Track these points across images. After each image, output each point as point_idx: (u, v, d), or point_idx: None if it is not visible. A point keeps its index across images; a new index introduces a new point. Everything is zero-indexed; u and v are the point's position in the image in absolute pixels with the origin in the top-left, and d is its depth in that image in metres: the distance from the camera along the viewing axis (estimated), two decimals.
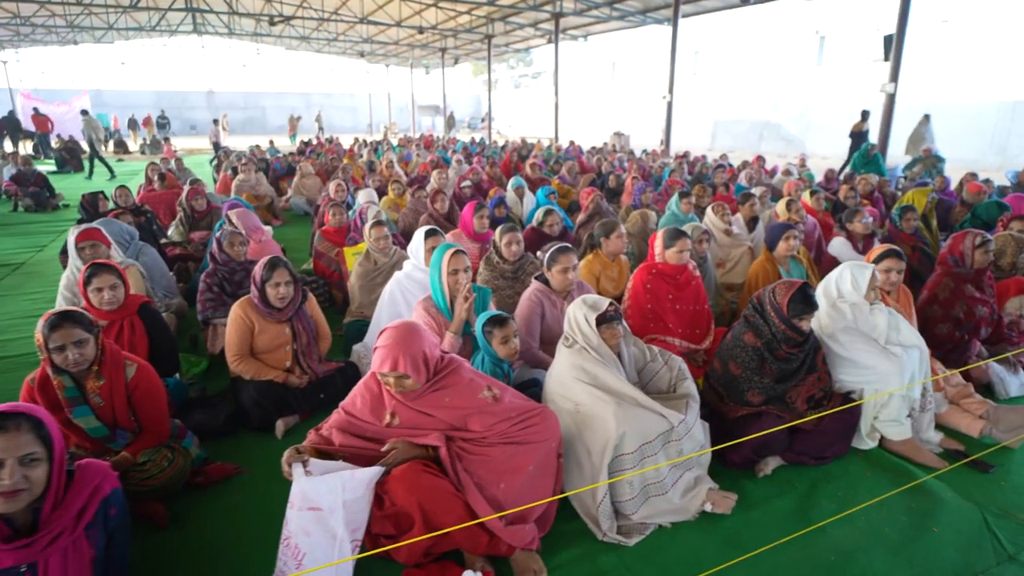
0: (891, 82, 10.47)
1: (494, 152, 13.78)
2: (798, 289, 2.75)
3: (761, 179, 8.94)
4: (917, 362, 2.95)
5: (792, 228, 4.32)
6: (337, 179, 7.33)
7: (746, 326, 2.91)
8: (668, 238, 3.75)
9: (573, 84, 36.67)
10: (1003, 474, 2.83)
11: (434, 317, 3.04)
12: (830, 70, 21.69)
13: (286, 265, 3.34)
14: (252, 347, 3.34)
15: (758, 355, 2.82)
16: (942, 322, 3.80)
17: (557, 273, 3.37)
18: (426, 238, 3.73)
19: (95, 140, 14.73)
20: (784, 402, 2.84)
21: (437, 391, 2.29)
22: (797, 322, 2.76)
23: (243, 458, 2.98)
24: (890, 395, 2.90)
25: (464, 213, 4.86)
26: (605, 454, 2.36)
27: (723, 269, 5.34)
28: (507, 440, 2.28)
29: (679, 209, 6.02)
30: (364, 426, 2.34)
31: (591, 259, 4.26)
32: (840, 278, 3.12)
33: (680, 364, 2.78)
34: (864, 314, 3.04)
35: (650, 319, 3.70)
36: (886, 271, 3.46)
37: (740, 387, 2.85)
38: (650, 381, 2.77)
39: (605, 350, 2.58)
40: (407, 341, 2.18)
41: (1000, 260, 4.29)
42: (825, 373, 2.94)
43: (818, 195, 6.25)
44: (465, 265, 3.04)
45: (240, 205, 5.44)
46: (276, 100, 43.63)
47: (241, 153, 13.18)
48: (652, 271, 3.75)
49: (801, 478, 2.80)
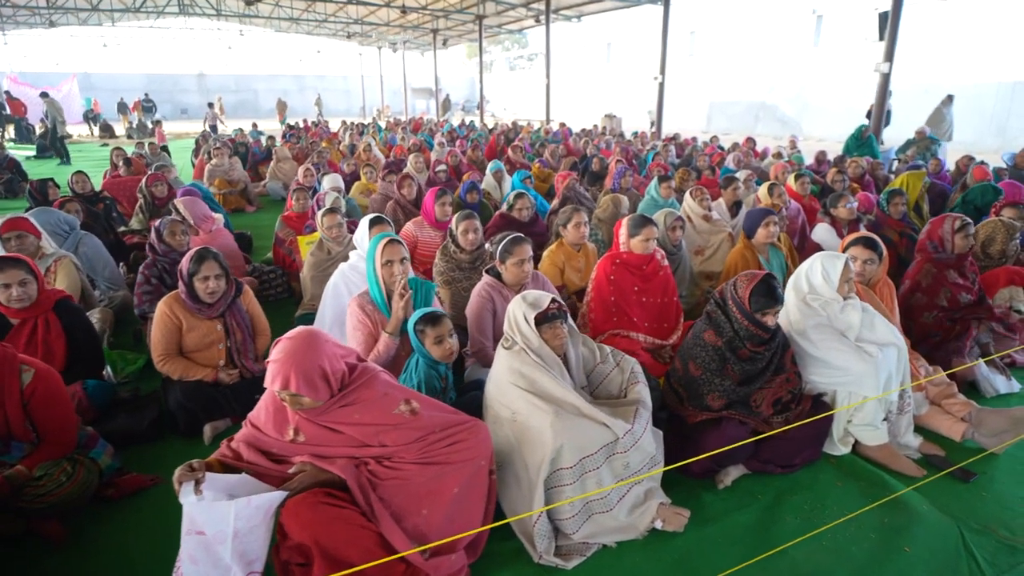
0: (886, 62, 10.13)
1: (480, 135, 13.43)
2: (760, 281, 2.51)
3: (750, 162, 8.65)
4: (894, 361, 2.71)
5: (772, 214, 4.05)
6: (306, 163, 7.03)
7: (707, 323, 2.67)
8: (633, 226, 3.49)
9: (568, 65, 36.15)
10: (985, 483, 2.61)
11: (370, 315, 2.79)
12: (827, 50, 21.24)
13: (216, 257, 3.08)
14: (181, 346, 3.10)
15: (719, 355, 2.58)
16: (928, 310, 3.58)
17: (511, 266, 3.12)
18: (371, 227, 3.47)
19: (58, 123, 14.32)
20: (748, 406, 2.61)
21: (346, 407, 2.04)
22: (761, 317, 2.52)
23: (165, 467, 2.72)
24: (864, 398, 2.67)
25: (426, 200, 4.59)
26: (541, 469, 2.13)
27: (702, 256, 5.09)
28: (427, 460, 2.04)
29: (658, 194, 5.76)
30: (269, 441, 2.10)
31: (554, 249, 4.01)
32: (811, 270, 2.86)
33: (633, 366, 2.54)
34: (836, 310, 2.79)
35: (614, 313, 3.45)
36: (852, 260, 3.20)
37: (700, 390, 2.62)
38: (600, 385, 2.53)
39: (547, 352, 2.34)
40: (301, 355, 1.93)
41: (989, 248, 4.05)
42: (795, 374, 2.70)
43: (803, 179, 5.97)
44: (401, 255, 2.78)
45: (195, 192, 5.18)
46: (268, 83, 42.98)
47: (218, 137, 12.84)
48: (616, 261, 3.50)
49: (765, 489, 2.57)
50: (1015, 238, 4.02)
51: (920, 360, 3.26)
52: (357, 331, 2.75)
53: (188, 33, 33.11)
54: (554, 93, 20.78)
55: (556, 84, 29.85)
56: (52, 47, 37.45)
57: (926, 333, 3.56)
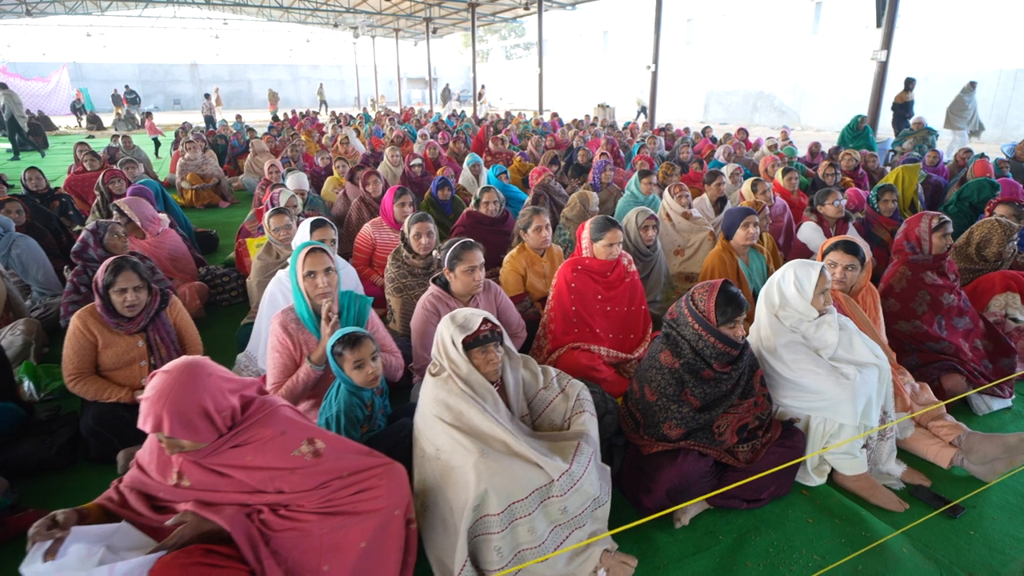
0: (883, 49, 9.79)
1: (466, 126, 13.07)
2: (721, 290, 2.24)
3: (742, 155, 8.34)
4: (874, 384, 2.44)
5: (752, 214, 3.77)
6: (271, 159, 6.73)
7: (663, 342, 2.40)
8: (596, 229, 3.21)
9: (565, 55, 35.69)
10: (974, 520, 2.34)
11: (292, 335, 2.51)
12: (826, 38, 20.84)
13: (135, 267, 2.81)
14: (98, 364, 2.83)
15: (676, 379, 2.31)
16: (903, 317, 3.30)
17: (460, 274, 2.85)
18: (312, 230, 3.19)
19: (16, 116, 13.91)
20: (710, 434, 2.34)
21: (237, 447, 1.78)
22: (728, 330, 2.25)
23: (73, 500, 2.48)
24: (841, 425, 2.40)
25: (384, 199, 4.31)
26: (464, 515, 1.87)
27: (681, 257, 4.82)
28: (330, 509, 1.78)
29: (639, 189, 5.47)
30: (153, 485, 1.84)
31: (515, 254, 3.72)
32: (783, 280, 2.59)
33: (580, 392, 2.27)
34: (811, 326, 2.52)
35: (575, 323, 3.18)
36: (831, 265, 2.93)
37: (656, 417, 2.35)
38: (542, 413, 2.27)
39: (477, 379, 2.07)
40: (176, 392, 1.66)
41: (985, 250, 3.77)
42: (764, 397, 2.43)
43: (792, 173, 5.68)
44: (325, 266, 2.49)
45: (145, 191, 4.89)
46: (262, 73, 42.53)
47: (195, 130, 12.53)
48: (578, 267, 3.23)
49: (728, 527, 2.31)
50: (1012, 239, 3.74)
51: (906, 376, 3.00)
52: (275, 353, 2.48)
53: (180, 22, 32.64)
54: (551, 83, 20.45)
55: (553, 74, 29.42)
56: (39, 37, 36.95)
57: (901, 344, 3.28)
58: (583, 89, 32.14)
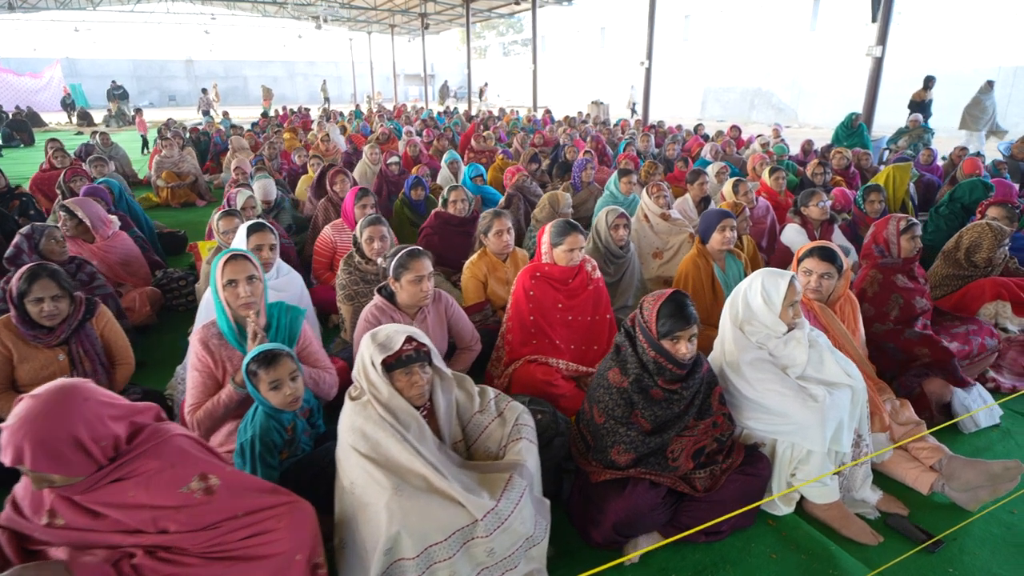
0: (878, 45, 9.57)
1: (455, 123, 12.83)
2: (668, 299, 2.04)
3: (731, 153, 8.11)
4: (847, 406, 2.23)
5: (729, 217, 3.54)
6: (239, 157, 6.52)
7: (613, 358, 2.19)
8: (555, 233, 3.00)
9: (562, 51, 35.45)
10: (953, 555, 2.14)
11: (214, 351, 2.29)
12: (824, 35, 20.58)
13: (54, 275, 2.61)
14: (14, 379, 2.63)
15: (624, 399, 2.11)
16: (878, 321, 3.11)
17: (407, 284, 2.64)
18: (249, 234, 2.98)
19: None
20: (663, 459, 2.13)
21: (119, 481, 1.58)
22: (671, 346, 2.04)
23: None
24: (810, 451, 2.20)
25: (345, 200, 4.10)
26: (375, 559, 1.67)
27: (660, 260, 4.62)
28: (218, 554, 1.58)
29: (618, 189, 5.27)
30: (25, 524, 1.64)
31: (476, 260, 3.51)
32: (749, 290, 2.38)
33: (520, 415, 2.07)
34: (780, 343, 2.31)
35: (533, 334, 2.97)
36: (806, 273, 2.72)
37: (604, 441, 2.14)
38: (477, 440, 2.06)
39: (399, 404, 1.86)
40: (42, 419, 1.45)
41: (974, 255, 3.56)
42: (724, 417, 2.23)
43: (779, 173, 5.47)
44: (247, 274, 2.29)
45: (99, 190, 4.69)
46: (258, 69, 42.28)
47: (179, 126, 12.31)
48: (536, 274, 3.02)
49: (683, 564, 2.11)
50: (1003, 244, 3.53)
51: (886, 393, 2.79)
52: (194, 372, 2.27)
53: (174, 18, 32.33)
54: (549, 79, 20.18)
55: (551, 70, 29.10)
56: (32, 32, 36.65)
57: (879, 347, 3.08)
58: (581, 86, 31.88)
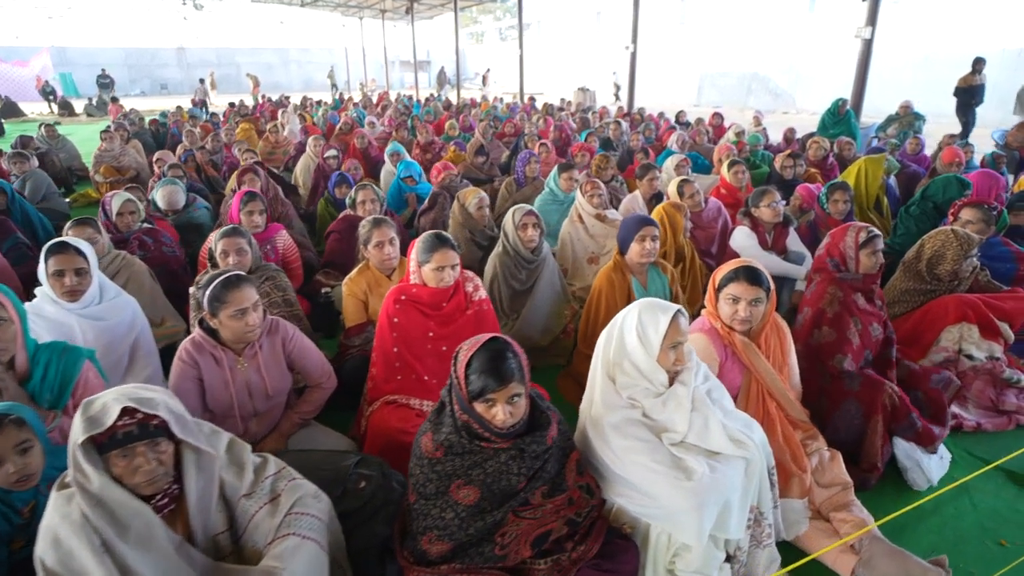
0: (867, 26, 8.95)
1: (429, 111, 12.26)
2: (480, 348, 1.58)
3: (702, 143, 7.57)
4: (737, 482, 1.75)
5: (650, 224, 3.04)
6: (157, 154, 6.05)
7: (431, 419, 1.72)
8: (423, 250, 2.52)
9: (557, 35, 34.71)
10: None
11: None
12: (822, 17, 19.84)
13: None
14: None
15: (437, 473, 1.64)
16: (839, 351, 2.57)
17: (227, 320, 2.17)
18: (47, 259, 2.49)
19: None
20: (488, 548, 1.65)
21: None
22: (484, 409, 1.58)
23: None
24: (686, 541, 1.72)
25: (232, 206, 3.63)
26: None
27: (596, 265, 4.14)
28: None
29: (558, 186, 4.78)
30: None
31: (355, 275, 3.01)
32: (625, 324, 1.90)
33: (300, 499, 1.60)
34: (658, 401, 1.82)
35: (397, 369, 2.50)
36: (731, 302, 2.23)
37: (413, 526, 1.68)
38: (245, 531, 1.60)
39: (116, 497, 1.40)
40: None
41: (937, 267, 3.05)
42: (582, 490, 1.75)
43: (738, 167, 4.94)
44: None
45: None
46: (251, 56, 41.56)
47: (135, 115, 11.82)
48: (401, 298, 2.53)
49: None
50: (971, 255, 3.01)
51: (817, 442, 2.32)
52: None
53: (161, 4, 31.71)
54: (544, 65, 19.51)
55: (546, 56, 28.39)
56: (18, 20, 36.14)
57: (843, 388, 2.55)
58: (575, 72, 31.15)
